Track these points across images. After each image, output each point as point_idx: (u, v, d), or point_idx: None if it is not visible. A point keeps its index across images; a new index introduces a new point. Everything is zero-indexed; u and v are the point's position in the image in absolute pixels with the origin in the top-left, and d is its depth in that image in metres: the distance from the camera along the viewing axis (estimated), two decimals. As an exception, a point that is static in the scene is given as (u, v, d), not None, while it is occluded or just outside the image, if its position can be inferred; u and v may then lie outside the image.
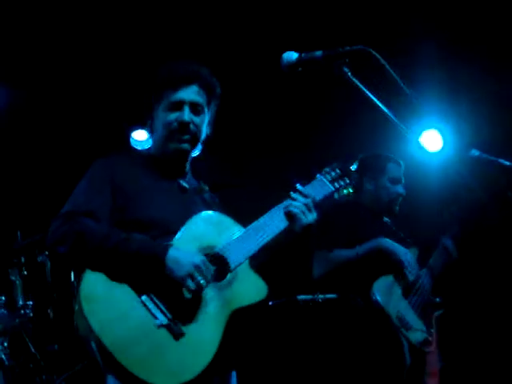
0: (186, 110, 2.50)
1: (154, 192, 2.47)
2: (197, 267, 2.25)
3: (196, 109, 2.54)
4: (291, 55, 2.37)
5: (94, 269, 2.21)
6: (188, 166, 2.65)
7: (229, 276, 2.37)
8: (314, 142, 5.77)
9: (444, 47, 5.20)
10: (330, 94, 5.28)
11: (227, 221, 2.51)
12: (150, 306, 2.20)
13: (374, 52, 2.21)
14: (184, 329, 2.22)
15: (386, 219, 3.97)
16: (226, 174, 5.23)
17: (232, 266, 2.37)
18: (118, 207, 2.37)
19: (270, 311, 4.35)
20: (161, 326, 2.18)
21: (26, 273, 4.83)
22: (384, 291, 3.59)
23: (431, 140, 5.52)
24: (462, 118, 5.46)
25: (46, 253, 5.11)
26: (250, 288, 2.42)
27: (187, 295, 2.26)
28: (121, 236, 2.28)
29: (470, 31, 5.15)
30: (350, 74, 2.27)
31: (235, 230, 2.47)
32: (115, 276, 2.21)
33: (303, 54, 2.33)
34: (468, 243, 4.18)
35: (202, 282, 2.25)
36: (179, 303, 2.25)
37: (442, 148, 5.57)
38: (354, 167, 4.02)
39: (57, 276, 5.21)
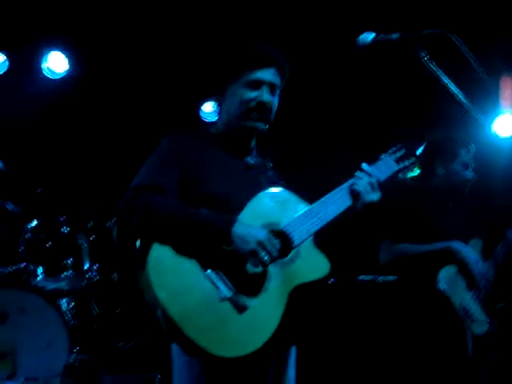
0: (265, 89, 2.51)
1: (220, 169, 2.49)
2: (261, 243, 2.26)
3: (273, 90, 2.55)
4: (367, 36, 2.38)
5: (162, 241, 2.24)
6: (253, 143, 2.66)
7: (292, 253, 2.39)
8: (384, 123, 5.70)
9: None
10: (403, 76, 5.20)
11: (292, 198, 2.51)
12: (215, 279, 2.24)
13: (453, 36, 2.17)
14: (247, 302, 2.25)
15: (451, 205, 3.90)
16: (291, 151, 5.24)
17: (295, 242, 2.38)
18: (185, 183, 2.40)
19: (329, 289, 4.38)
20: (224, 299, 2.22)
21: (93, 237, 4.98)
22: (449, 281, 3.55)
23: (504, 125, 5.43)
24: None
25: (114, 219, 5.26)
26: (312, 265, 2.43)
27: (251, 270, 2.29)
28: (188, 210, 2.32)
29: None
30: (426, 58, 2.24)
31: (300, 208, 2.47)
32: (182, 248, 2.25)
33: (380, 36, 2.32)
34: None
35: (266, 258, 2.27)
36: (243, 278, 2.27)
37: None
38: (422, 149, 4.01)
39: (123, 242, 5.36)
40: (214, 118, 6.09)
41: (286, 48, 2.66)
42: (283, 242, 2.36)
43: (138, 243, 4.92)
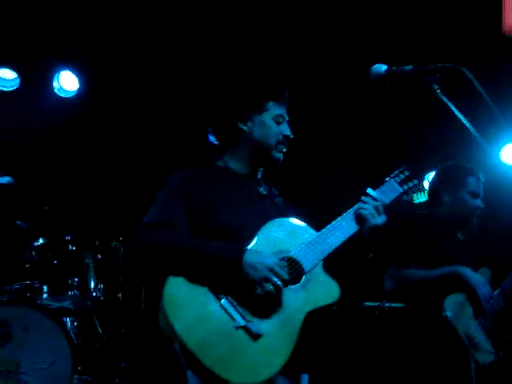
0: (286, 124, 2.67)
1: (233, 201, 2.55)
2: (272, 269, 2.33)
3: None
4: (380, 67, 2.43)
5: (175, 273, 2.32)
6: (261, 173, 2.74)
7: (303, 279, 2.45)
8: (392, 151, 5.72)
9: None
10: (413, 105, 5.23)
11: (300, 226, 2.58)
12: (229, 309, 2.30)
13: (465, 70, 2.22)
14: (262, 330, 2.30)
15: (459, 235, 3.89)
16: (296, 177, 5.26)
17: (306, 268, 2.45)
18: (196, 217, 2.46)
19: (335, 315, 4.36)
20: (239, 327, 2.28)
21: (99, 257, 4.99)
22: (455, 309, 3.53)
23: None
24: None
25: (120, 238, 5.28)
26: (323, 290, 2.48)
27: (264, 296, 2.34)
28: (198, 242, 2.39)
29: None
30: (439, 90, 2.28)
31: (308, 235, 2.54)
32: (195, 280, 2.32)
33: (393, 67, 2.37)
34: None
35: (278, 283, 2.34)
36: (256, 305, 2.33)
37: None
38: (432, 177, 4.01)
39: (129, 262, 5.36)
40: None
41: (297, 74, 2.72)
42: (294, 268, 2.43)
43: (150, 273, 4.98)
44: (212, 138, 6.09)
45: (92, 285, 4.84)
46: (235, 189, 2.60)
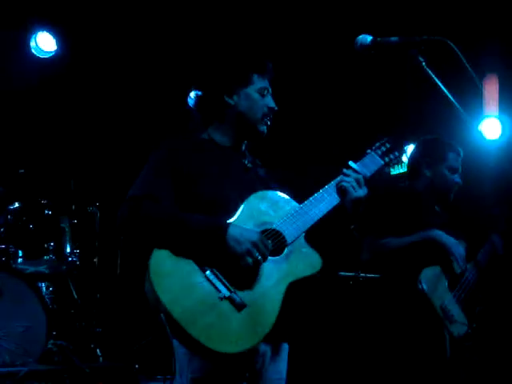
0: (270, 96, 2.67)
1: (218, 172, 2.56)
2: (254, 244, 2.36)
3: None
4: (366, 38, 2.42)
5: (160, 246, 2.34)
6: (245, 145, 2.74)
7: (286, 250, 2.49)
8: (373, 122, 5.71)
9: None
10: (396, 77, 5.22)
11: (282, 198, 2.61)
12: (214, 280, 2.34)
13: (451, 44, 2.22)
14: (246, 301, 2.35)
15: (437, 208, 3.92)
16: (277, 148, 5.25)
17: (288, 240, 2.48)
18: (181, 190, 2.47)
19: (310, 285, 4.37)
20: (224, 298, 2.32)
21: (75, 221, 4.95)
22: (431, 281, 3.56)
23: (490, 128, 5.48)
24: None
25: (97, 203, 5.24)
26: (305, 261, 2.52)
27: (246, 269, 2.38)
28: (182, 215, 2.41)
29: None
30: (424, 63, 2.28)
31: (290, 207, 2.58)
32: (179, 252, 2.34)
33: (378, 38, 2.36)
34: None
35: (259, 258, 2.38)
36: (240, 277, 2.38)
37: (500, 136, 5.53)
38: (412, 150, 4.02)
39: (105, 227, 5.33)
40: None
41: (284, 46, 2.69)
42: (276, 240, 2.47)
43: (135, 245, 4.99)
44: (191, 101, 6.08)
45: (68, 249, 4.81)
46: (220, 161, 2.60)
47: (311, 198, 2.59)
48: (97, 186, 5.34)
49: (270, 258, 2.43)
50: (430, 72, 2.33)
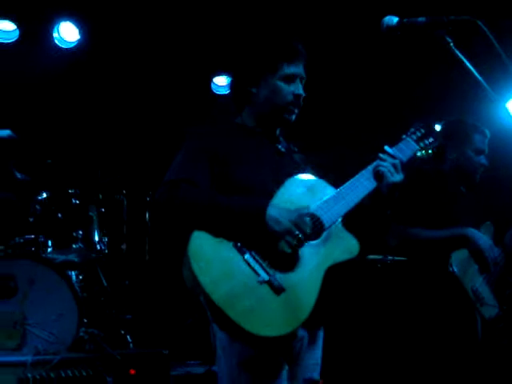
0: (299, 83, 2.62)
1: (253, 158, 2.56)
2: (294, 223, 2.36)
3: (303, 84, 2.65)
4: (392, 19, 2.39)
5: (199, 229, 2.35)
6: (279, 130, 2.73)
7: (324, 234, 2.48)
8: (402, 104, 5.66)
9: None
10: (420, 57, 5.16)
11: (320, 183, 2.60)
12: (253, 263, 2.34)
13: (480, 23, 2.17)
14: (284, 285, 2.35)
15: (463, 189, 3.88)
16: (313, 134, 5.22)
17: (326, 225, 2.47)
18: (218, 174, 2.47)
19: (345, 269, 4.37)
20: (263, 282, 2.32)
21: (103, 210, 4.99)
22: (461, 264, 3.54)
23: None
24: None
25: (124, 191, 5.27)
26: (343, 246, 2.52)
27: (287, 250, 2.37)
28: (221, 197, 2.41)
29: None
30: (452, 43, 2.24)
31: (327, 192, 2.57)
32: (219, 234, 2.36)
33: (405, 19, 2.33)
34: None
35: (300, 236, 2.37)
36: (279, 260, 2.37)
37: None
38: (438, 130, 3.98)
39: (132, 215, 5.37)
40: (226, 91, 6.16)
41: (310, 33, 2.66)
42: (314, 224, 2.46)
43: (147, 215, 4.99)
44: (214, 86, 6.08)
45: (96, 238, 4.85)
46: (254, 146, 2.60)
47: (348, 183, 2.59)
48: (123, 174, 5.35)
49: (308, 243, 2.42)
50: (458, 52, 2.30)
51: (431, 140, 2.81)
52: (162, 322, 5.32)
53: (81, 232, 4.75)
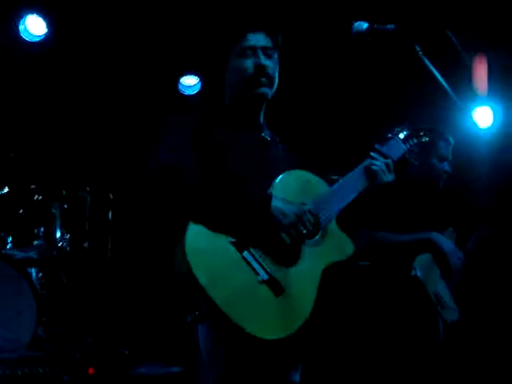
0: (261, 54, 2.52)
1: (236, 146, 2.47)
2: (299, 217, 2.31)
3: (268, 53, 2.54)
4: (362, 24, 2.42)
5: (196, 218, 2.24)
6: (262, 117, 2.64)
7: (319, 233, 2.44)
8: (367, 110, 5.69)
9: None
10: (390, 64, 5.20)
11: (314, 178, 2.55)
12: (252, 261, 2.26)
13: (448, 32, 2.21)
14: (283, 285, 2.28)
15: (426, 196, 3.93)
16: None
17: (322, 223, 2.44)
18: (204, 163, 2.38)
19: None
20: (262, 281, 2.25)
21: (66, 206, 4.92)
22: (424, 268, 3.59)
23: (482, 116, 5.49)
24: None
25: (88, 188, 5.21)
26: (338, 246, 2.49)
27: (287, 242, 2.32)
28: (224, 188, 2.32)
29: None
30: (420, 51, 2.28)
31: (321, 188, 2.53)
32: (217, 228, 2.25)
33: (375, 25, 2.35)
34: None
35: (304, 231, 2.32)
36: (278, 259, 2.31)
37: (492, 125, 5.53)
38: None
39: (95, 212, 5.31)
40: (193, 92, 6.13)
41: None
42: (314, 221, 2.41)
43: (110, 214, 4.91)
44: (181, 86, 6.04)
45: (58, 235, 4.78)
46: (239, 134, 2.52)
47: (341, 181, 2.56)
48: (87, 170, 5.29)
49: (306, 241, 2.37)
50: (425, 60, 2.33)
51: (415, 141, 2.84)
52: (122, 322, 5.26)
53: (42, 229, 4.68)
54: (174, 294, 2.31)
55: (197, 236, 2.22)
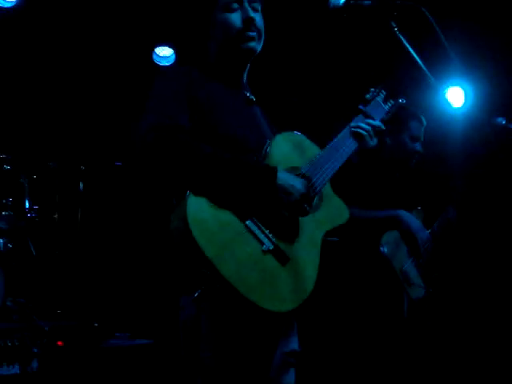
0: (247, 6, 2.40)
1: (225, 105, 2.36)
2: (303, 195, 2.24)
3: (253, 6, 2.43)
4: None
5: (199, 189, 2.13)
6: (246, 77, 2.54)
7: (316, 198, 2.37)
8: (341, 85, 5.68)
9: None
10: (368, 38, 5.18)
11: (305, 141, 2.46)
12: (255, 230, 2.16)
13: (425, 10, 2.20)
14: (288, 253, 2.20)
15: (398, 175, 3.96)
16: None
17: (318, 188, 2.37)
18: (195, 120, 2.26)
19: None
20: (267, 251, 2.16)
21: (35, 177, 4.86)
22: (392, 245, 3.63)
23: (455, 96, 5.51)
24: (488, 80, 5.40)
25: (58, 159, 5.15)
26: (335, 210, 2.43)
27: (289, 219, 2.25)
28: (227, 155, 2.20)
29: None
30: (396, 29, 2.27)
31: (313, 150, 2.45)
32: (219, 198, 2.14)
33: (351, 1, 2.32)
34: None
35: (308, 209, 2.27)
36: (281, 228, 2.23)
37: (464, 105, 5.56)
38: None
39: (65, 183, 5.26)
40: (168, 63, 6.07)
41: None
42: (311, 189, 2.33)
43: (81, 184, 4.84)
44: (156, 57, 5.97)
45: (27, 205, 4.73)
46: (226, 93, 2.40)
47: (331, 143, 2.47)
48: (57, 140, 5.22)
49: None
50: (401, 37, 2.32)
51: (392, 102, 2.74)
52: (91, 293, 5.24)
53: (11, 199, 4.61)
54: (171, 267, 2.22)
55: (200, 207, 2.10)
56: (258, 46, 2.43)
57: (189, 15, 2.63)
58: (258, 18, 2.42)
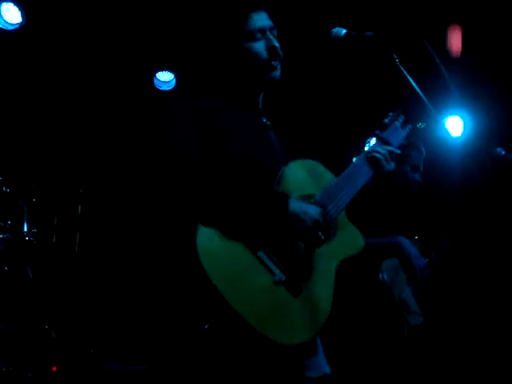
0: (270, 35, 2.39)
1: (242, 131, 2.35)
2: (318, 223, 2.18)
3: (274, 33, 2.42)
4: (340, 31, 2.42)
5: (209, 217, 2.10)
6: (261, 102, 2.52)
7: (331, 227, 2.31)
8: (345, 116, 5.71)
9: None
10: (365, 70, 5.23)
11: (320, 168, 2.43)
12: (267, 261, 2.12)
13: (426, 42, 2.23)
14: (301, 284, 2.15)
15: (396, 204, 3.96)
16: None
17: (333, 216, 2.30)
18: (209, 148, 2.25)
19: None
20: (279, 282, 2.11)
21: (34, 200, 4.84)
22: (391, 273, 3.64)
23: (454, 126, 5.54)
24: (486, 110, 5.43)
25: (56, 182, 5.15)
26: (350, 240, 2.38)
27: (303, 249, 2.20)
28: (239, 184, 2.19)
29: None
30: (398, 60, 2.29)
31: (327, 177, 2.41)
32: (230, 229, 2.10)
33: (353, 32, 2.35)
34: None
35: (322, 237, 2.19)
36: (294, 258, 2.18)
37: (462, 135, 5.59)
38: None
39: (63, 206, 5.25)
40: (169, 87, 6.10)
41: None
42: (327, 218, 2.27)
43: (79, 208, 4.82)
44: (157, 82, 6.00)
45: (25, 228, 4.70)
46: (241, 119, 2.38)
47: (347, 170, 2.42)
48: (57, 163, 5.22)
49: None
50: (402, 69, 2.35)
51: (410, 127, 2.70)
52: (89, 318, 5.21)
53: (9, 222, 4.60)
54: (179, 299, 2.19)
55: (208, 236, 2.06)
56: (279, 74, 2.42)
57: (190, 40, 2.64)
58: (278, 45, 2.41)
